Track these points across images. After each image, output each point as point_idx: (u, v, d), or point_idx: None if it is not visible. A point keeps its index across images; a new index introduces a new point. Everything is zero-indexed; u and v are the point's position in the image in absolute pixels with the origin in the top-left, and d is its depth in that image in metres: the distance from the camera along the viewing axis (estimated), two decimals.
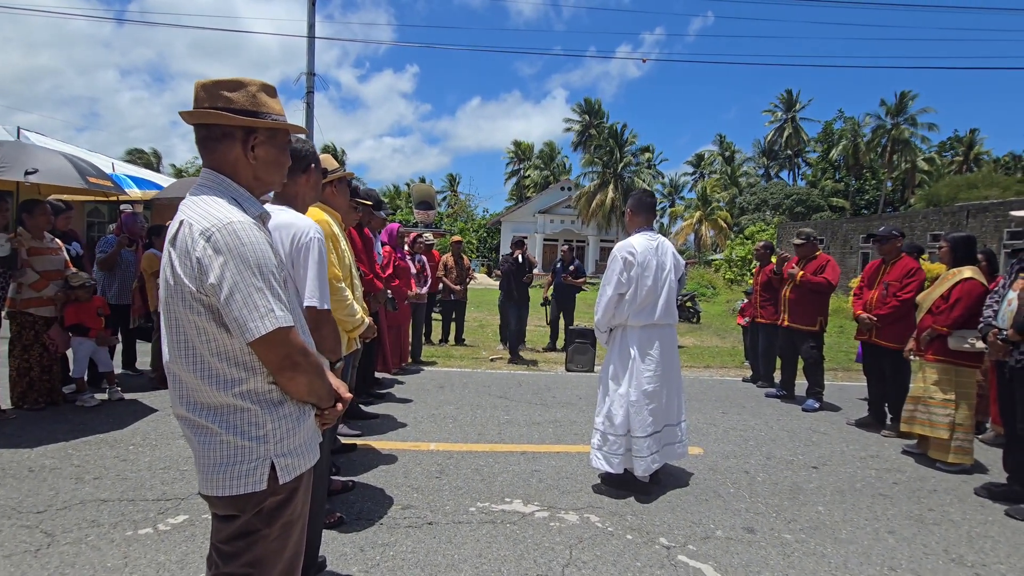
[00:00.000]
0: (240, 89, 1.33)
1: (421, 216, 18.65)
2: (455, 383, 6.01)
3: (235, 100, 1.31)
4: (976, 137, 42.90)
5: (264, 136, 1.35)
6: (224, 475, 1.24)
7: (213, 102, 1.30)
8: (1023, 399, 3.22)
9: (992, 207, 15.57)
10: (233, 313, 1.18)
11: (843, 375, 7.56)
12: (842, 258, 20.00)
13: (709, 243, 37.12)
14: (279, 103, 1.41)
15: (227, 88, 1.32)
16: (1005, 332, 3.26)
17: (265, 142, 1.36)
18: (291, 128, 1.43)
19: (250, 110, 1.32)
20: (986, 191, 27.63)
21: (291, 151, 1.63)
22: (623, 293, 3.28)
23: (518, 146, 52.64)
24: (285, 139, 1.43)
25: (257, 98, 1.34)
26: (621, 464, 3.26)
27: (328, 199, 2.88)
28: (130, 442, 3.74)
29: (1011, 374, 3.28)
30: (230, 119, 1.30)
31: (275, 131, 1.38)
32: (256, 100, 1.34)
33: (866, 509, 3.23)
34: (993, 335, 3.33)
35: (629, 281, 3.27)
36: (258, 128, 1.34)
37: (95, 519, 2.68)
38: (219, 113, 1.29)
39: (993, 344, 3.33)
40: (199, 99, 1.32)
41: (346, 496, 3.07)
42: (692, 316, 13.55)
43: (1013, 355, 3.24)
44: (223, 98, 1.30)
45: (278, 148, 1.40)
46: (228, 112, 1.30)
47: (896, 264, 4.69)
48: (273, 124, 1.35)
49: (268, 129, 1.35)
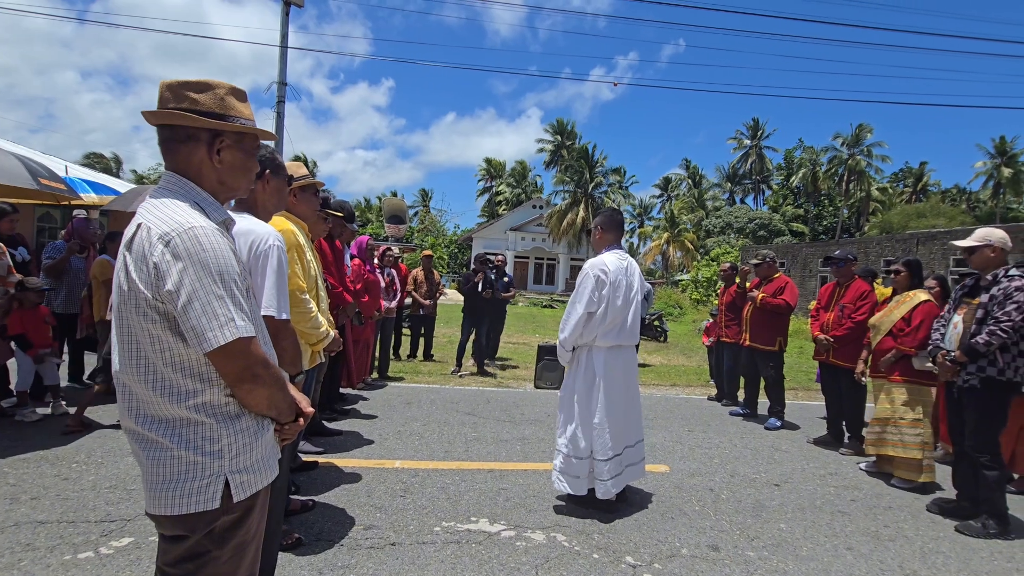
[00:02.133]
0: (207, 91, 1.29)
1: (392, 230, 18.49)
2: (422, 399, 5.91)
3: (201, 102, 1.27)
4: (925, 169, 45.51)
5: (231, 140, 1.32)
6: (174, 492, 1.17)
7: (178, 103, 1.26)
8: (972, 418, 3.35)
9: (939, 235, 16.45)
10: (191, 321, 1.13)
11: (804, 394, 7.76)
12: (802, 281, 20.71)
13: (676, 264, 37.94)
14: (248, 108, 1.38)
15: (194, 89, 1.28)
16: (953, 354, 3.40)
17: (232, 146, 1.32)
18: (260, 133, 1.39)
19: (217, 112, 1.29)
20: (934, 220, 29.27)
21: None
22: (592, 312, 3.22)
23: (490, 163, 53.06)
24: (253, 144, 1.39)
25: (225, 101, 1.31)
26: (584, 486, 3.22)
27: (291, 207, 2.83)
28: (73, 459, 3.53)
29: (959, 394, 3.42)
30: (195, 120, 1.26)
31: (242, 135, 1.34)
32: (224, 103, 1.30)
33: (826, 526, 3.29)
34: (942, 356, 3.47)
35: (600, 300, 3.21)
36: (224, 131, 1.30)
37: (30, 542, 2.50)
38: (184, 114, 1.25)
39: (942, 366, 3.47)
40: (163, 99, 1.27)
41: (305, 516, 2.95)
42: (659, 335, 13.75)
43: (960, 376, 3.38)
44: (189, 99, 1.27)
45: (245, 153, 1.36)
46: (193, 114, 1.26)
47: (850, 287, 4.87)
48: (240, 128, 1.32)
49: (235, 133, 1.32)
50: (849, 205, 42.86)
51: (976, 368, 3.30)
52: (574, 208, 34.34)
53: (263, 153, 2.08)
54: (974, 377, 3.30)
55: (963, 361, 3.33)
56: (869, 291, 4.78)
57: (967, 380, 3.34)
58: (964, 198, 44.32)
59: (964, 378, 3.35)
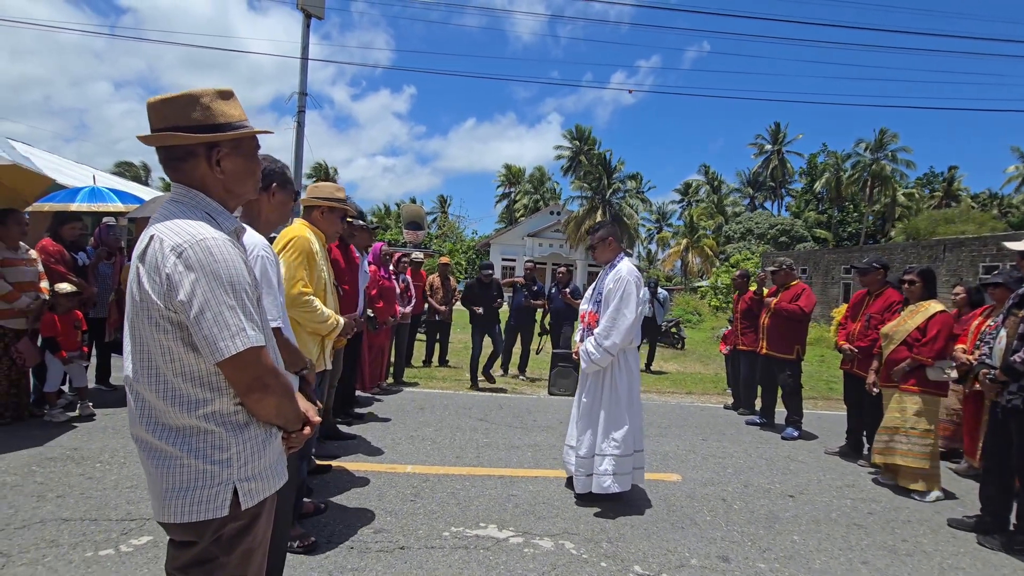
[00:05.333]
0: (194, 104, 1.26)
1: (410, 236, 18.67)
2: (436, 404, 5.96)
3: (190, 117, 1.25)
4: (955, 174, 44.29)
5: (228, 148, 1.30)
6: (183, 500, 1.20)
7: (166, 122, 1.25)
8: (1019, 439, 3.15)
9: (968, 242, 16.01)
10: (203, 331, 1.15)
11: (823, 404, 7.62)
12: (824, 288, 20.33)
13: (695, 270, 37.54)
14: (238, 107, 1.34)
15: (180, 105, 1.25)
16: (994, 372, 3.24)
17: (230, 154, 1.31)
18: (255, 133, 1.36)
19: (207, 124, 1.26)
20: (963, 226, 28.45)
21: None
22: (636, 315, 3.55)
23: (509, 170, 53.24)
24: (252, 146, 1.37)
25: (212, 109, 1.27)
26: (629, 481, 3.49)
27: (314, 220, 2.91)
28: (97, 459, 3.65)
29: (1004, 414, 3.23)
30: (187, 139, 1.24)
31: (239, 141, 1.32)
32: (211, 112, 1.27)
33: (841, 539, 3.23)
34: (983, 375, 3.31)
35: (639, 303, 3.53)
36: (220, 142, 1.28)
37: (55, 539, 2.60)
38: (175, 135, 1.24)
39: (983, 384, 3.31)
40: (152, 121, 1.27)
41: (317, 519, 3.01)
42: (677, 342, 13.61)
43: (1003, 395, 3.20)
44: (177, 116, 1.25)
45: (245, 156, 1.34)
46: (184, 132, 1.24)
47: (880, 296, 4.70)
48: (234, 135, 1.29)
49: (230, 140, 1.30)
50: (874, 211, 41.94)
51: (1018, 387, 3.12)
52: (592, 214, 34.21)
53: (273, 167, 2.10)
54: (1017, 396, 3.11)
55: (1004, 380, 3.17)
56: (899, 301, 4.56)
57: (1010, 400, 3.15)
58: (995, 203, 43.02)
59: (1007, 397, 3.17)
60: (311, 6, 10.10)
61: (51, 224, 5.06)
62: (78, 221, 5.19)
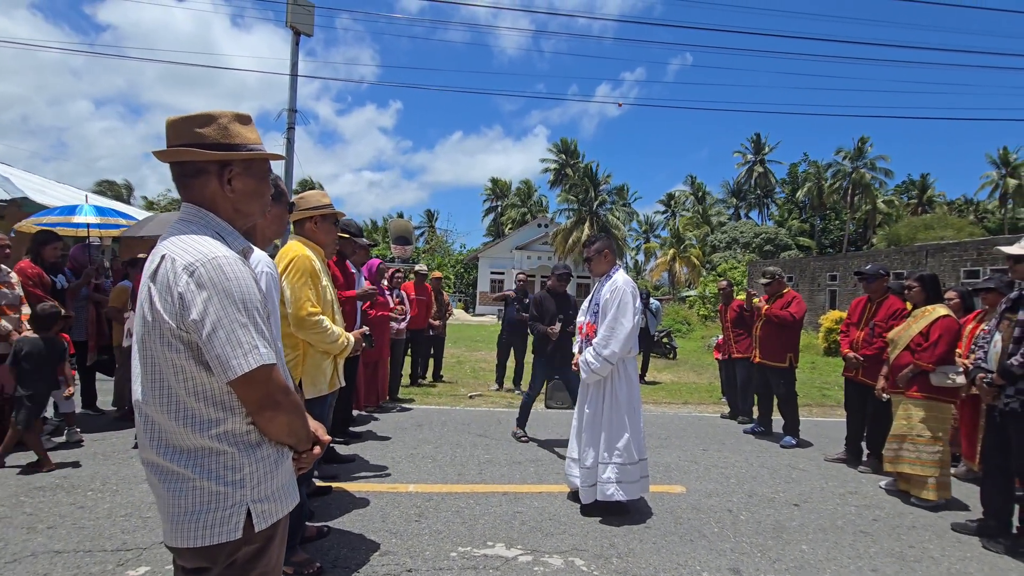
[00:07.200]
0: (211, 123, 1.29)
1: (398, 251, 18.61)
2: (434, 421, 5.89)
3: (206, 135, 1.28)
4: (928, 181, 45.44)
5: (240, 168, 1.32)
6: (196, 524, 1.17)
7: (183, 139, 1.27)
8: (1018, 442, 3.17)
9: (949, 247, 16.35)
10: (215, 350, 1.14)
11: (817, 410, 7.67)
12: (810, 295, 20.59)
13: (683, 280, 37.86)
14: (254, 131, 1.37)
15: (197, 124, 1.29)
16: (991, 376, 3.26)
17: (241, 174, 1.32)
18: (268, 156, 1.39)
19: (222, 143, 1.29)
20: (941, 232, 29.11)
21: None
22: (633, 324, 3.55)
23: (495, 183, 53.53)
24: (263, 168, 1.39)
25: (229, 129, 1.31)
26: (637, 490, 3.48)
27: (308, 234, 2.87)
28: (88, 487, 3.53)
29: (1002, 417, 3.25)
30: (201, 155, 1.27)
31: (251, 161, 1.34)
32: (228, 132, 1.30)
33: (849, 547, 3.22)
34: (980, 379, 3.33)
35: (636, 311, 3.54)
36: (232, 160, 1.30)
37: (47, 573, 2.49)
38: (190, 150, 1.26)
39: (981, 388, 3.33)
40: (169, 137, 1.29)
41: (321, 543, 2.93)
42: (669, 352, 13.65)
43: (1000, 399, 3.22)
44: (193, 134, 1.27)
45: (256, 178, 1.36)
46: (199, 148, 1.27)
47: (883, 304, 4.70)
48: (247, 155, 1.32)
49: (243, 160, 1.32)
50: (855, 218, 42.77)
51: (1015, 391, 3.14)
52: (579, 226, 34.46)
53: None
54: (1014, 400, 3.13)
55: (1000, 384, 3.19)
56: (902, 309, 4.56)
57: (1007, 403, 3.17)
58: (972, 209, 44.13)
59: (1004, 401, 3.19)
60: (300, 24, 10.11)
61: (32, 245, 4.93)
62: (59, 241, 5.08)
